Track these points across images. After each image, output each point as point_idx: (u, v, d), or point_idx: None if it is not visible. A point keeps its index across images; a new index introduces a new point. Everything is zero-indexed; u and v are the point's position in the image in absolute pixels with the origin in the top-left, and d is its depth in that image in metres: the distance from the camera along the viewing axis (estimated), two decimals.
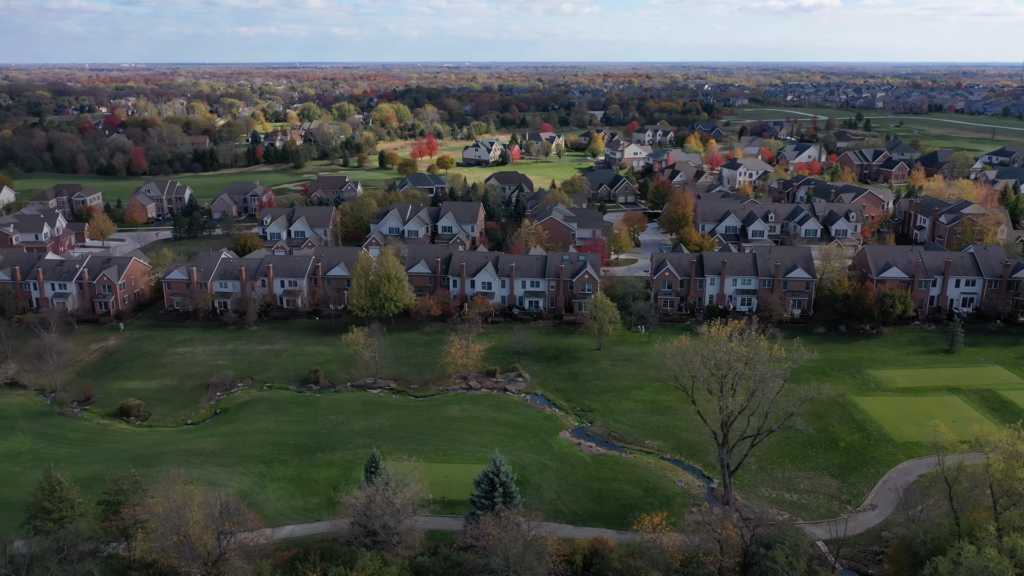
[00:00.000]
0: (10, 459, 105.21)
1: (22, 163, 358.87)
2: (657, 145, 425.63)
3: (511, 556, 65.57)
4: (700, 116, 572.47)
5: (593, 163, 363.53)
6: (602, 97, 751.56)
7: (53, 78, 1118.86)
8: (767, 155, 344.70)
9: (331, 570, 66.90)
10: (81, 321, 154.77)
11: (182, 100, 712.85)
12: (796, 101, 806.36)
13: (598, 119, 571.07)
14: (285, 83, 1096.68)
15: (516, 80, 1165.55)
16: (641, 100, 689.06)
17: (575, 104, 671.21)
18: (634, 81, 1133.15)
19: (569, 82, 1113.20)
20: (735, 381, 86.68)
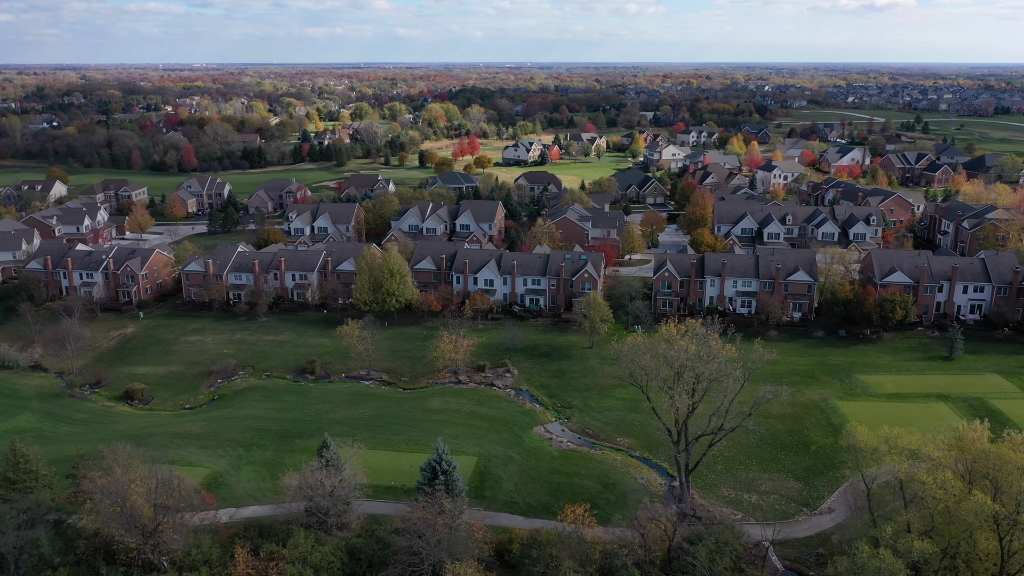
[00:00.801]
0: (15, 435, 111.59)
1: (81, 159, 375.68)
2: (701, 146, 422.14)
3: (433, 539, 67.89)
4: (751, 118, 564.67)
5: (631, 164, 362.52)
6: (656, 98, 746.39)
7: (127, 78, 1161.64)
8: (809, 157, 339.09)
9: (264, 546, 70.25)
10: (104, 309, 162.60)
11: (243, 99, 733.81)
12: (857, 103, 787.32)
13: (647, 120, 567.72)
14: (346, 83, 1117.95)
15: (574, 81, 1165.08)
16: (694, 101, 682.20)
17: (627, 105, 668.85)
18: (693, 82, 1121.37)
19: (627, 83, 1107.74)
20: (689, 380, 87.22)
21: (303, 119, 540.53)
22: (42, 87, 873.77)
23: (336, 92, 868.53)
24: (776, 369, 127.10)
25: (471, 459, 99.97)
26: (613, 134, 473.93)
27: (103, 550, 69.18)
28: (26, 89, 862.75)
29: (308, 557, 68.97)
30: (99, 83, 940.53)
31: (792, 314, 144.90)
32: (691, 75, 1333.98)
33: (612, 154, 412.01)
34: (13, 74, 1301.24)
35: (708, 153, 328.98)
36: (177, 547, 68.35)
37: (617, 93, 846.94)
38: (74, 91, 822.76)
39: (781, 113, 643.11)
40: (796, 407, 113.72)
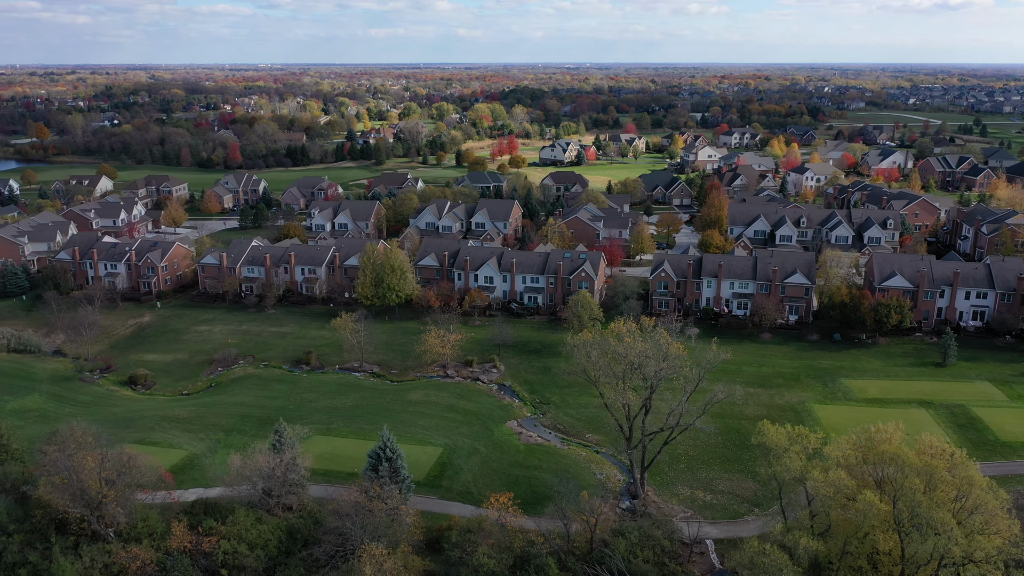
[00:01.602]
0: (19, 414, 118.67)
1: (134, 155, 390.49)
2: (742, 148, 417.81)
3: (359, 522, 70.67)
4: (801, 119, 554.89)
5: (667, 165, 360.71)
6: (708, 99, 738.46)
7: (193, 78, 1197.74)
8: (848, 160, 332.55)
9: (204, 521, 74.02)
10: (125, 299, 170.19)
11: (299, 99, 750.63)
12: (918, 105, 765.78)
13: (694, 121, 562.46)
14: (403, 83, 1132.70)
15: (629, 81, 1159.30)
16: (745, 102, 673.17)
17: (677, 106, 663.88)
18: (751, 83, 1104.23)
19: (683, 84, 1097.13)
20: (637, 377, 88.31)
21: (352, 118, 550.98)
22: (111, 86, 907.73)
23: (390, 92, 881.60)
24: (761, 371, 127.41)
25: (436, 450, 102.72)
26: (655, 135, 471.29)
27: (56, 520, 73.77)
28: (96, 88, 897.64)
29: (245, 534, 72.45)
30: (164, 83, 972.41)
31: (788, 317, 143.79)
32: (750, 76, 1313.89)
33: (651, 155, 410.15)
34: (87, 73, 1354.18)
35: (743, 155, 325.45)
36: (122, 520, 72.53)
37: (670, 94, 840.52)
38: (140, 90, 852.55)
39: (835, 115, 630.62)
40: (771, 409, 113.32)
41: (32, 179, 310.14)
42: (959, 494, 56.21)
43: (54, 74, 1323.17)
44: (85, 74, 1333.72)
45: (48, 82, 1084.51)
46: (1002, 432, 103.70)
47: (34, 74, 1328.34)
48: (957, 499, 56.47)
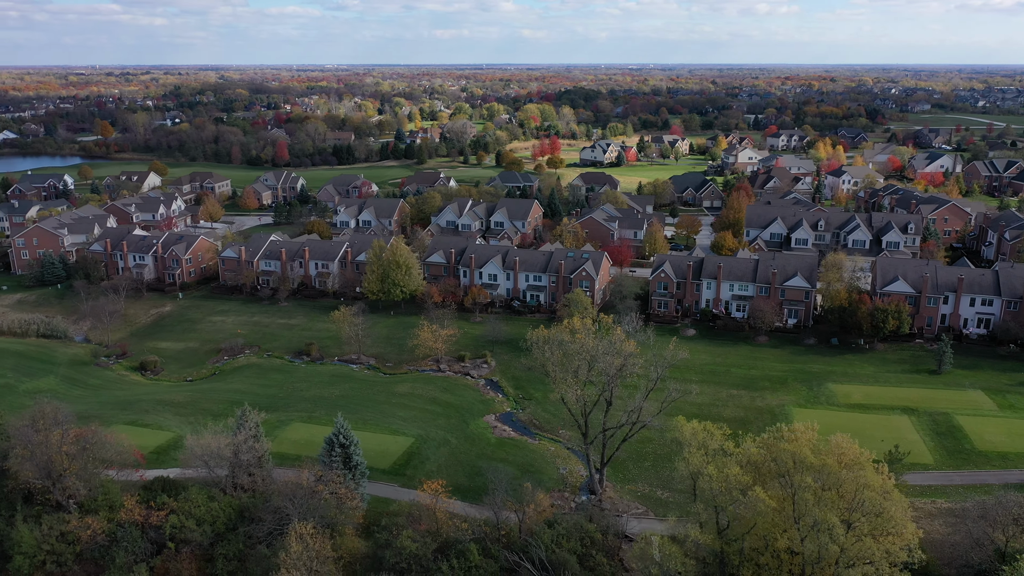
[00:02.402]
0: (32, 395, 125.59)
1: (188, 152, 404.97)
2: (790, 150, 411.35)
3: (297, 503, 73.99)
4: (857, 121, 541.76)
5: (706, 167, 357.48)
6: (765, 101, 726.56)
7: (260, 78, 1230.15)
8: (894, 164, 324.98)
9: (159, 497, 78.33)
10: (151, 289, 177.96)
11: (357, 99, 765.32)
12: (987, 107, 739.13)
13: (746, 123, 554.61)
14: (462, 83, 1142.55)
15: (689, 83, 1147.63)
16: (802, 104, 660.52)
17: (732, 107, 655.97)
18: (814, 84, 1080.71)
19: (744, 85, 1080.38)
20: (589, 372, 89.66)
21: (403, 119, 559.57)
22: (179, 86, 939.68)
23: (447, 92, 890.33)
24: (749, 374, 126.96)
25: (408, 440, 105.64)
26: (701, 136, 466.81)
27: (24, 491, 79.02)
28: (165, 88, 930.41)
29: (194, 510, 76.43)
30: (230, 83, 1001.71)
31: (787, 320, 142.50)
32: (815, 77, 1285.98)
33: (694, 157, 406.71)
34: (160, 74, 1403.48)
35: (782, 157, 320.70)
36: (82, 492, 77.31)
37: (728, 96, 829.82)
38: (207, 90, 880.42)
39: (896, 117, 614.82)
40: (749, 411, 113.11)
41: (88, 174, 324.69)
42: (852, 496, 56.28)
43: (129, 74, 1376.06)
44: (159, 74, 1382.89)
45: (123, 82, 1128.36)
46: (980, 441, 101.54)
47: (111, 74, 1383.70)
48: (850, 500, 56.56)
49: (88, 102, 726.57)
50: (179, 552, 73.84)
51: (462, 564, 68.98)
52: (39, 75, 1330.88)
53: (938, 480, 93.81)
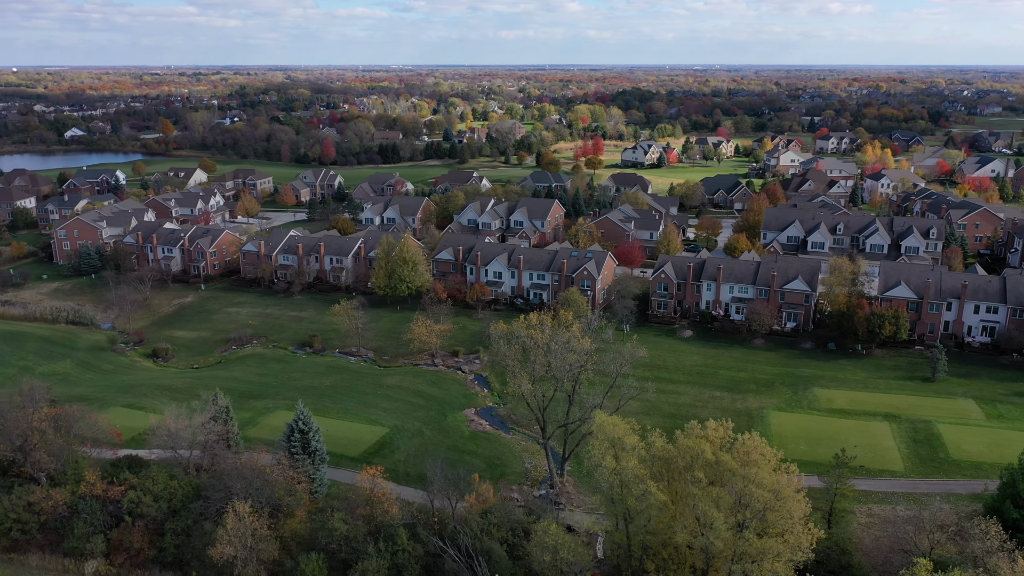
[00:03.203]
0: (47, 376, 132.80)
1: (239, 150, 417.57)
2: (840, 153, 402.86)
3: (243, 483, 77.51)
4: (917, 124, 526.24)
5: (747, 169, 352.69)
6: (824, 103, 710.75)
7: (325, 78, 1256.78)
8: (943, 167, 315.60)
9: (122, 473, 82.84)
10: (176, 280, 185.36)
11: (414, 99, 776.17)
12: None
13: (801, 125, 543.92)
14: (523, 84, 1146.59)
15: (752, 84, 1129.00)
16: (863, 106, 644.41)
17: (790, 109, 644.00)
18: (882, 86, 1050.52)
19: (808, 87, 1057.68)
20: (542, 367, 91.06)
21: (454, 119, 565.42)
22: (244, 86, 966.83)
23: (504, 93, 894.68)
24: (738, 376, 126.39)
25: (383, 430, 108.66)
26: (749, 138, 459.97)
27: (2, 464, 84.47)
28: (232, 88, 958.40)
29: (152, 487, 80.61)
30: (295, 83, 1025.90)
31: (785, 324, 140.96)
32: (884, 79, 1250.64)
33: (738, 159, 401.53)
34: (230, 74, 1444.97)
35: (823, 160, 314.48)
36: (51, 466, 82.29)
37: (789, 97, 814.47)
38: (271, 90, 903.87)
39: (962, 120, 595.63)
40: (728, 413, 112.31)
41: (142, 170, 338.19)
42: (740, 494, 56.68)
43: (201, 74, 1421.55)
44: (228, 74, 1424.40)
45: (194, 82, 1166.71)
46: (956, 450, 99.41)
47: (183, 74, 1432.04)
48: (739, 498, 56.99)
49: (157, 101, 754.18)
50: (135, 525, 78.03)
51: (389, 547, 71.35)
52: (116, 75, 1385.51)
53: (903, 487, 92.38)
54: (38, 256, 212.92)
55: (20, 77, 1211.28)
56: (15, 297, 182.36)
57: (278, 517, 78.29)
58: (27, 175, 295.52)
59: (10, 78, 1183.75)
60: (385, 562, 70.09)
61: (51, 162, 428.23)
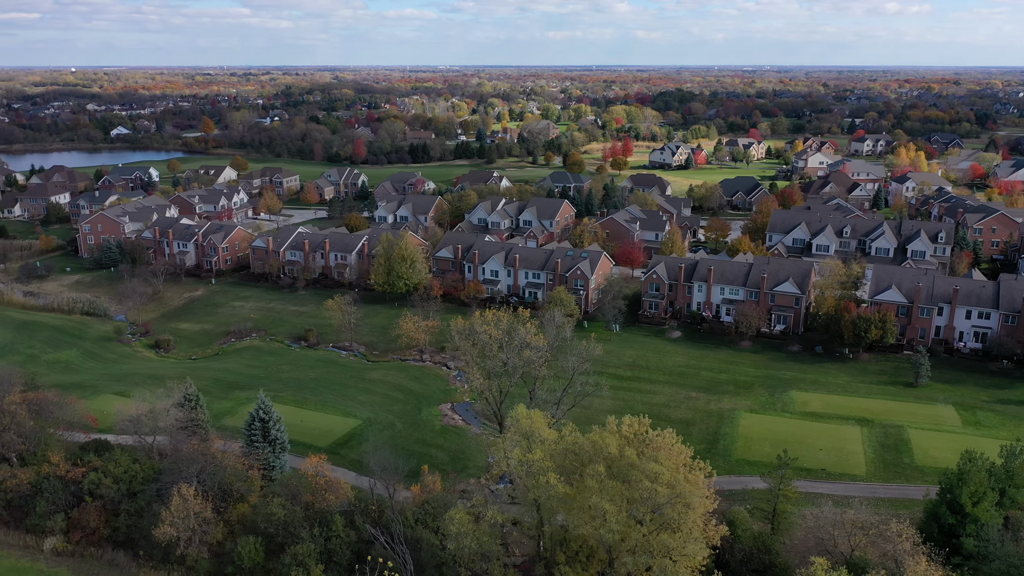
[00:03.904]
0: (50, 364, 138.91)
1: (274, 149, 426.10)
2: (874, 156, 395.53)
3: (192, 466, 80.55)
4: (961, 127, 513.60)
5: (775, 171, 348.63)
6: (867, 104, 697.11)
7: (371, 79, 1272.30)
8: (977, 171, 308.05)
9: (86, 456, 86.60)
10: (189, 274, 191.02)
11: (455, 99, 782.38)
12: None
13: (840, 127, 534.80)
14: (567, 84, 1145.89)
15: (798, 85, 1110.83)
16: (908, 107, 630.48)
17: (832, 111, 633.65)
18: (934, 88, 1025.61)
19: (857, 88, 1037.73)
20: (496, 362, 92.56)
21: (489, 119, 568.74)
22: (290, 86, 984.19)
23: (545, 93, 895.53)
24: (718, 377, 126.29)
25: (355, 422, 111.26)
26: (781, 140, 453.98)
27: None
28: (278, 88, 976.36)
29: (113, 469, 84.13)
30: (341, 83, 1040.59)
31: (774, 326, 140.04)
32: (937, 80, 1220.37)
33: (769, 160, 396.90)
34: (279, 74, 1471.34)
35: (850, 162, 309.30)
36: (20, 447, 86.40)
37: (836, 99, 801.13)
38: (315, 90, 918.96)
39: (1012, 122, 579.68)
40: (699, 413, 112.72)
41: (176, 168, 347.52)
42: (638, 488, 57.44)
43: (251, 74, 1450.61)
44: (278, 75, 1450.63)
45: (243, 82, 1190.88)
46: (923, 456, 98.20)
47: (234, 74, 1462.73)
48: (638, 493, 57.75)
49: (204, 101, 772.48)
50: (93, 505, 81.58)
51: (323, 532, 73.58)
52: (170, 75, 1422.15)
53: (860, 491, 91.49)
54: (65, 250, 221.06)
55: (78, 77, 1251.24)
56: (38, 288, 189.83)
57: (228, 501, 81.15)
58: (65, 172, 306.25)
59: (68, 78, 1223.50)
60: (317, 547, 72.29)
61: (97, 159, 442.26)
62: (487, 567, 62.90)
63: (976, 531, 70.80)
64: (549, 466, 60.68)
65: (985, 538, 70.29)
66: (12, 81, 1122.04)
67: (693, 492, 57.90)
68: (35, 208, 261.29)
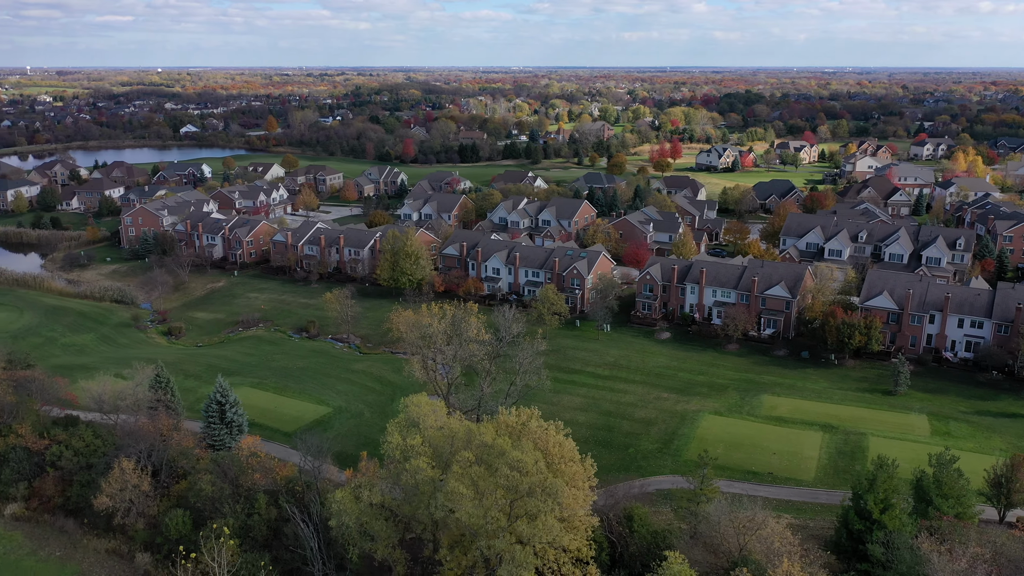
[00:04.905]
0: (66, 346, 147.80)
1: (327, 147, 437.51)
2: (935, 160, 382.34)
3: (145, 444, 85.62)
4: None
5: (822, 176, 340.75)
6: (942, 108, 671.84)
7: (443, 79, 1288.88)
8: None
9: (55, 430, 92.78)
10: (214, 266, 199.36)
11: (519, 100, 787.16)
12: None
13: (907, 131, 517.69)
14: (635, 86, 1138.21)
15: (876, 87, 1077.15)
16: (984, 111, 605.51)
17: (904, 114, 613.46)
18: (1021, 90, 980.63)
19: (939, 90, 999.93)
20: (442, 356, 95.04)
21: (545, 120, 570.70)
22: (359, 87, 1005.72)
23: (610, 95, 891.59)
24: (695, 379, 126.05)
25: (326, 409, 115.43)
26: (840, 143, 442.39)
27: None
28: (348, 88, 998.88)
29: (75, 443, 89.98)
30: (411, 84, 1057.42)
31: (763, 330, 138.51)
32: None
33: (821, 164, 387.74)
34: (354, 75, 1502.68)
35: (899, 166, 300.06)
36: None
37: (913, 101, 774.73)
38: (384, 90, 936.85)
39: None
40: (662, 413, 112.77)
41: (231, 165, 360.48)
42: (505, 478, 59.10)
43: (327, 75, 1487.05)
44: (352, 75, 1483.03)
45: (318, 82, 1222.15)
46: None
47: (311, 75, 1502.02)
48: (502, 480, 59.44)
49: (275, 100, 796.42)
50: (52, 475, 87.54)
51: (245, 508, 77.49)
52: (250, 75, 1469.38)
53: (802, 496, 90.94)
54: (110, 241, 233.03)
55: (162, 77, 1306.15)
56: (79, 276, 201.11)
57: (173, 477, 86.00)
58: (124, 167, 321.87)
59: (154, 78, 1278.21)
60: (237, 521, 76.19)
61: (166, 155, 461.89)
62: (372, 546, 65.50)
63: (885, 538, 69.99)
64: (424, 451, 62.97)
65: (894, 546, 69.44)
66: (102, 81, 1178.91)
67: (557, 484, 59.28)
68: (90, 201, 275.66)
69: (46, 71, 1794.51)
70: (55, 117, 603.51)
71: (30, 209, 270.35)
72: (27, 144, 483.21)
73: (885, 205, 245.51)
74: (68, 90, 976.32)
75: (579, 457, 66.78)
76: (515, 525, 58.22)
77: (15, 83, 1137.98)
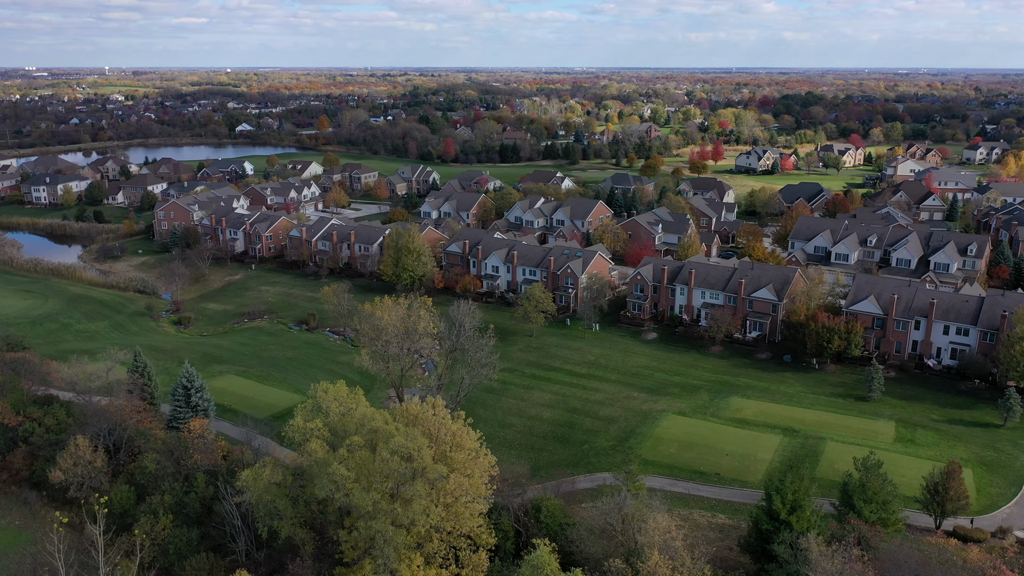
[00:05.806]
0: (79, 332, 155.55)
1: (371, 146, 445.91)
2: (987, 163, 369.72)
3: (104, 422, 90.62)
4: None
5: (862, 179, 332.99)
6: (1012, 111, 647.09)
7: (504, 80, 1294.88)
8: None
9: (30, 408, 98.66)
10: (235, 259, 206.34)
11: (573, 100, 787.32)
12: None
13: (965, 134, 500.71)
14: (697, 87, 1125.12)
15: (946, 89, 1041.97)
16: None
17: (967, 117, 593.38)
18: None
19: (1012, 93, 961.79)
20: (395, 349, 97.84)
21: (593, 121, 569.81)
22: (418, 87, 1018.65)
23: (668, 96, 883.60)
24: (669, 380, 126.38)
25: (300, 398, 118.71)
26: (887, 146, 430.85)
27: None
28: (406, 88, 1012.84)
29: (47, 421, 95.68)
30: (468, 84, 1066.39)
31: (748, 332, 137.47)
32: None
33: (864, 167, 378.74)
34: (416, 75, 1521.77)
35: (940, 170, 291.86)
36: None
37: (984, 104, 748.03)
38: (440, 91, 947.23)
39: None
40: (627, 412, 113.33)
41: (274, 163, 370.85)
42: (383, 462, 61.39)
43: (389, 75, 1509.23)
44: (414, 76, 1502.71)
45: (379, 82, 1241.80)
46: (828, 469, 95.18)
47: (373, 75, 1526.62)
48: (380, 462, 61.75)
49: (335, 100, 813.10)
50: (22, 450, 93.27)
51: (184, 487, 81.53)
52: (315, 75, 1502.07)
53: (743, 498, 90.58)
54: (145, 234, 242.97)
55: (231, 77, 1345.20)
56: (110, 267, 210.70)
57: (130, 455, 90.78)
58: (171, 163, 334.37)
59: (222, 78, 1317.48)
60: (174, 498, 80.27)
61: (221, 152, 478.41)
62: (279, 524, 68.55)
63: (792, 539, 69.95)
64: (322, 434, 65.74)
65: (798, 547, 69.38)
66: (174, 80, 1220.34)
67: (439, 470, 61.34)
68: (134, 196, 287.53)
69: (123, 71, 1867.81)
70: (121, 116, 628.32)
71: (78, 203, 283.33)
72: (91, 141, 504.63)
73: (917, 210, 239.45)
74: (140, 90, 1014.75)
75: (477, 447, 68.59)
76: (393, 507, 60.46)
77: (92, 83, 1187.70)
